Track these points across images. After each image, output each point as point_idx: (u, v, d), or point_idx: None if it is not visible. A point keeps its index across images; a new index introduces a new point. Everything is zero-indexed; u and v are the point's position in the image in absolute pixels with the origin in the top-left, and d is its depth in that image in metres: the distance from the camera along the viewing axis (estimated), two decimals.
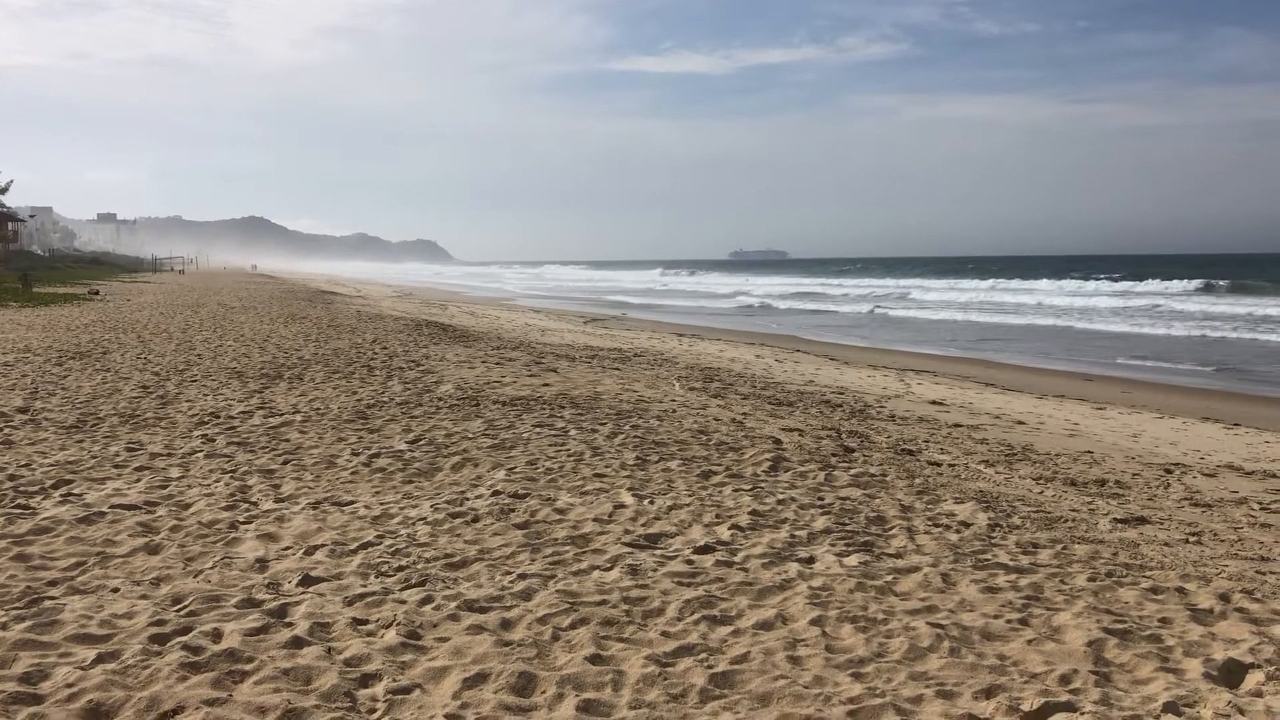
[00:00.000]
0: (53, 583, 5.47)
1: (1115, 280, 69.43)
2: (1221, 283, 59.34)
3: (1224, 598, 5.52)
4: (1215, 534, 7.23)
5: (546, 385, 13.92)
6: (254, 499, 7.39)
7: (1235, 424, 13.98)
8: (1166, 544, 6.81)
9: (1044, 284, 66.91)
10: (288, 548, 6.22)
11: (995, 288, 66.08)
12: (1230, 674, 4.47)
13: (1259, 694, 4.27)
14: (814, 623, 4.99)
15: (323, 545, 6.23)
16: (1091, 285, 63.50)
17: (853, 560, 6.03)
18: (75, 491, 7.46)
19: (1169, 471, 9.84)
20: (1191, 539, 7.02)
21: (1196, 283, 60.00)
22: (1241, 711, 4.07)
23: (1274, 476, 9.88)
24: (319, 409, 11.45)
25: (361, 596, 5.31)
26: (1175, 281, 62.20)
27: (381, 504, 7.27)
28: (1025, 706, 4.07)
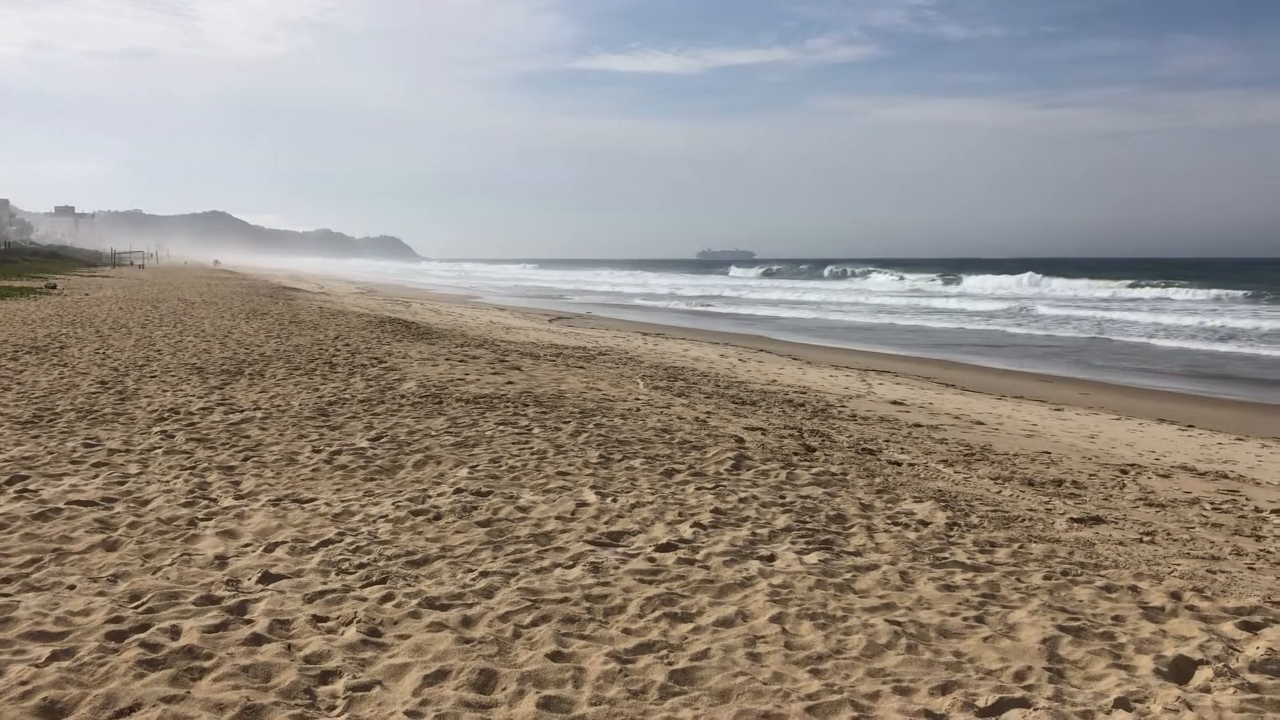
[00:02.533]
0: (7, 579, 5.41)
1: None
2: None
3: (1175, 596, 5.61)
4: (1169, 533, 7.35)
5: (510, 383, 13.89)
6: (213, 496, 7.34)
7: (1190, 425, 14.21)
8: (1121, 543, 6.92)
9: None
10: (247, 545, 6.18)
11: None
12: (1180, 670, 4.55)
13: (1207, 690, 4.36)
14: (774, 620, 5.03)
15: (283, 542, 6.20)
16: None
17: (813, 558, 6.08)
18: (31, 487, 7.37)
19: (1124, 472, 9.99)
20: (1145, 538, 7.14)
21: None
22: (1190, 707, 4.15)
23: (1225, 477, 10.06)
24: (280, 405, 11.37)
25: (322, 594, 5.29)
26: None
27: (343, 501, 7.24)
28: (980, 703, 4.13)
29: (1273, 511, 8.42)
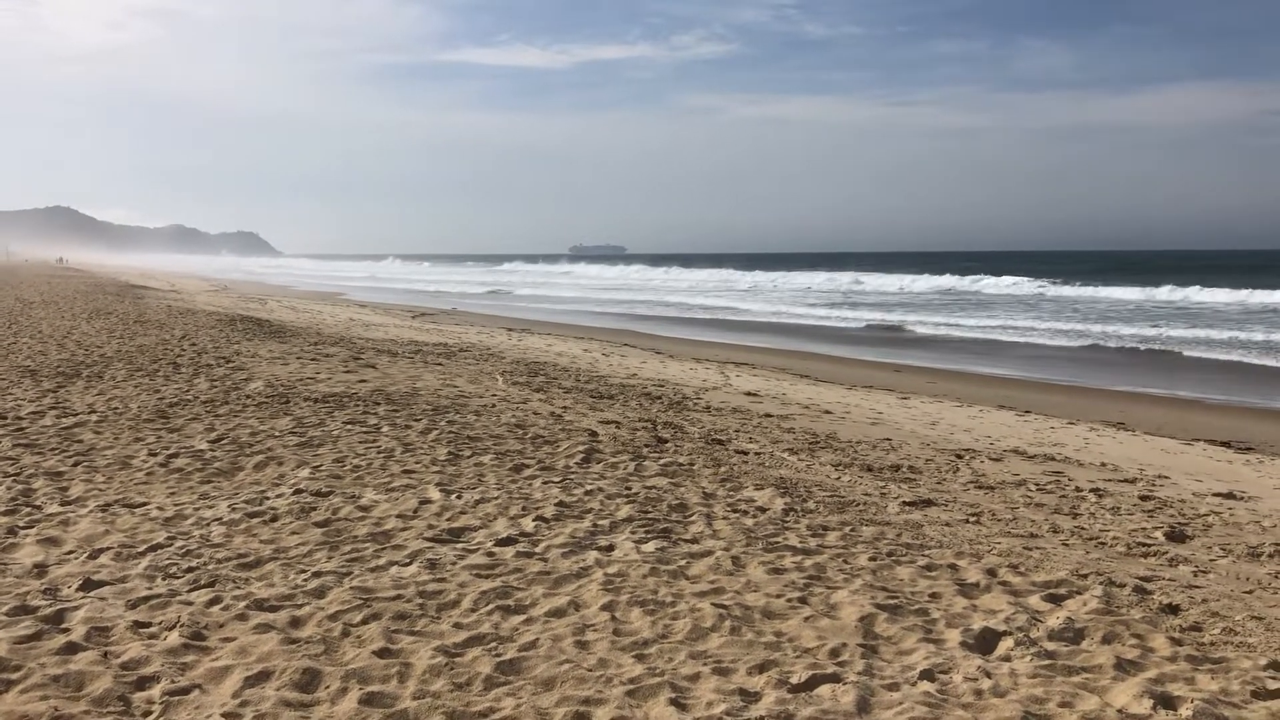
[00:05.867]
0: None
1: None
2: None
3: (991, 573, 5.91)
4: (994, 514, 7.72)
5: (363, 381, 13.68)
6: (38, 502, 7.05)
7: (1027, 411, 14.93)
8: (948, 524, 7.24)
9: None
10: (70, 552, 5.97)
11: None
12: (985, 641, 4.81)
13: (1007, 658, 4.62)
14: (604, 608, 5.12)
15: (109, 548, 6.00)
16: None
17: (650, 547, 6.19)
18: None
19: (960, 456, 10.44)
20: (971, 519, 7.48)
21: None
22: (989, 675, 4.39)
23: (1053, 459, 10.61)
24: (117, 408, 10.95)
25: (146, 599, 5.16)
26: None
27: (176, 505, 7.04)
28: (794, 680, 4.30)
29: (1091, 490, 8.93)
